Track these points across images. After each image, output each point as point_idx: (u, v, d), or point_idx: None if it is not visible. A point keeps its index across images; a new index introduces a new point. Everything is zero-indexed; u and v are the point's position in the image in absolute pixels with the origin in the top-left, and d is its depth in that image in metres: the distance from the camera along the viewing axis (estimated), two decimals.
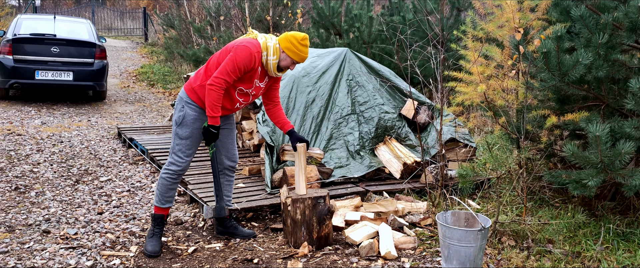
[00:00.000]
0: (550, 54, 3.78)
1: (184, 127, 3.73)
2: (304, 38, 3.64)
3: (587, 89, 4.16)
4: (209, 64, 3.74)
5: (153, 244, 3.79)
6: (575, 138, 4.37)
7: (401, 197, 4.75)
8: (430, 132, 5.72)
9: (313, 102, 5.59)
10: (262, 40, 3.66)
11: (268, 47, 3.64)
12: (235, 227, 4.14)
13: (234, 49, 3.58)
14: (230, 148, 4.04)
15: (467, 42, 4.71)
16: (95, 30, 10.75)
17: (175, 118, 3.78)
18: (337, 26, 10.76)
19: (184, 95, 3.77)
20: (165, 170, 3.81)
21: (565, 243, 3.83)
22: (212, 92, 3.55)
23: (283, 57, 3.68)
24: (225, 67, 3.55)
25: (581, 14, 3.90)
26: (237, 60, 3.54)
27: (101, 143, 7.21)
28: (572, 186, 3.78)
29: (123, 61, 16.71)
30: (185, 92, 3.77)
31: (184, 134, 3.74)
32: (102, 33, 24.20)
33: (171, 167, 3.79)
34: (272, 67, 3.68)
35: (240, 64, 3.56)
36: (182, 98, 3.77)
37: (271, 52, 3.64)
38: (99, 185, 5.39)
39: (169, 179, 3.81)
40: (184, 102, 3.75)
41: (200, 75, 3.76)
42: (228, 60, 3.55)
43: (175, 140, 3.78)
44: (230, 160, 4.06)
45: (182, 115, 3.73)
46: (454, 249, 3.34)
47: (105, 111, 9.66)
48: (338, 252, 3.79)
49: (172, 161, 3.79)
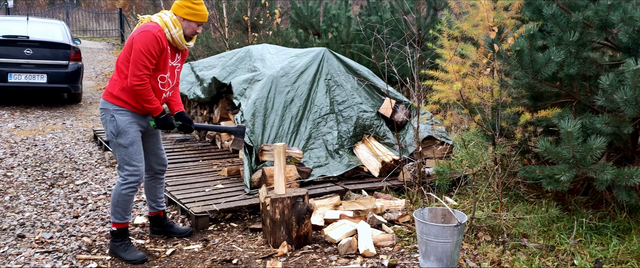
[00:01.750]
0: (523, 52, 3.85)
1: (123, 135, 3.61)
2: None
3: (560, 86, 4.25)
4: (118, 64, 3.63)
5: (133, 253, 3.71)
6: (548, 135, 4.46)
7: (380, 195, 4.79)
8: (408, 131, 5.78)
9: (292, 101, 5.60)
10: (157, 19, 3.59)
11: (166, 23, 3.57)
12: (171, 226, 4.14)
13: (137, 40, 3.47)
14: (159, 153, 3.99)
15: (443, 41, 4.77)
16: (70, 31, 10.61)
17: (109, 131, 3.63)
18: (315, 26, 10.79)
19: (108, 105, 3.63)
20: (125, 185, 3.65)
21: (540, 237, 3.91)
22: (139, 90, 3.49)
23: (185, 25, 3.63)
24: (136, 60, 3.46)
25: (553, 12, 3.98)
26: (144, 48, 3.45)
27: (77, 147, 7.12)
28: (546, 181, 3.86)
29: (99, 63, 16.50)
30: (108, 101, 3.63)
31: (127, 141, 3.62)
32: (76, 35, 23.88)
33: (130, 178, 3.65)
34: (179, 40, 3.62)
35: (150, 49, 3.47)
36: (107, 109, 3.63)
37: (172, 26, 3.58)
38: (74, 189, 5.32)
39: (131, 193, 3.68)
40: (110, 112, 3.62)
41: (114, 80, 3.64)
42: (136, 53, 3.46)
43: (120, 152, 3.63)
44: (160, 165, 4.01)
45: (116, 125, 3.60)
46: (431, 245, 3.39)
47: (81, 114, 9.54)
48: (317, 251, 3.81)
49: (128, 173, 3.64)
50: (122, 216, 3.72)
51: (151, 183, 4.05)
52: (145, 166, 3.94)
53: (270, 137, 5.32)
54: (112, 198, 3.70)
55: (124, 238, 3.76)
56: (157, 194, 4.08)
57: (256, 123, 5.28)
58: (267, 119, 5.40)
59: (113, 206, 3.71)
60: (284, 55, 6.37)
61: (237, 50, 6.85)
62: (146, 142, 3.89)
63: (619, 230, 3.94)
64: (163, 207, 4.14)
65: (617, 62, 4.19)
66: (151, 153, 3.95)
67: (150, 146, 3.93)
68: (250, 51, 6.57)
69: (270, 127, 5.37)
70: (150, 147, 3.93)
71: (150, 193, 4.07)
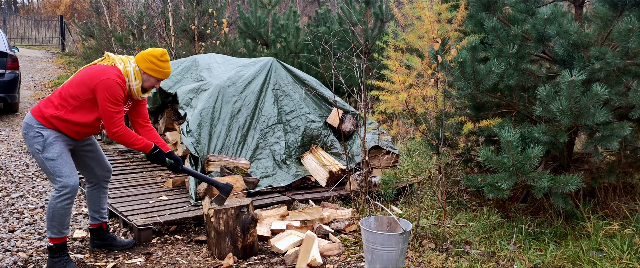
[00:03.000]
0: (465, 64, 3.96)
1: (49, 149, 3.49)
2: (162, 54, 3.61)
3: (500, 97, 4.39)
4: (61, 93, 3.54)
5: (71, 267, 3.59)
6: (490, 144, 4.59)
7: (327, 205, 4.79)
8: (355, 140, 5.82)
9: (239, 111, 5.54)
10: (121, 66, 3.55)
11: (128, 73, 3.55)
12: (113, 238, 4.03)
13: (99, 87, 3.44)
14: (102, 159, 3.89)
15: (389, 52, 4.85)
16: (7, 39, 10.17)
17: (34, 148, 3.50)
18: (263, 36, 10.76)
19: (35, 123, 3.51)
20: (60, 198, 3.50)
21: (482, 244, 4.00)
22: (120, 136, 3.53)
23: (145, 79, 3.63)
24: (106, 110, 3.46)
25: (493, 25, 4.12)
26: (110, 96, 3.45)
27: (13, 158, 6.80)
28: (487, 189, 3.96)
29: (38, 72, 15.88)
30: (36, 120, 3.52)
31: (54, 154, 3.49)
32: (14, 42, 22.94)
33: (64, 191, 3.50)
34: (136, 92, 3.61)
35: (116, 95, 3.47)
36: (31, 126, 3.51)
37: (132, 77, 3.56)
38: (10, 202, 5.07)
39: (68, 205, 3.53)
40: (36, 129, 3.50)
41: (51, 104, 3.54)
42: (105, 102, 3.45)
43: (48, 166, 3.49)
44: (104, 171, 3.91)
45: (42, 140, 3.48)
46: (377, 253, 3.41)
47: (18, 124, 9.13)
48: (263, 262, 3.77)
49: (61, 185, 3.49)
50: (59, 230, 3.57)
51: (94, 193, 3.92)
52: (89, 174, 3.86)
53: (217, 148, 5.24)
54: (48, 213, 3.54)
55: (63, 254, 3.61)
56: (100, 205, 3.95)
57: (202, 133, 5.19)
58: (214, 129, 5.32)
59: (49, 221, 3.55)
60: (232, 65, 6.32)
61: (183, 59, 6.73)
62: (86, 153, 3.80)
63: (556, 236, 4.09)
64: (106, 219, 4.01)
65: (553, 74, 4.37)
66: (93, 161, 3.84)
67: (89, 154, 3.82)
68: (197, 60, 6.47)
69: (216, 137, 5.30)
70: (90, 156, 3.83)
71: (92, 203, 3.93)
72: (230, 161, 5.08)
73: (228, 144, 5.35)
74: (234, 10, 15.70)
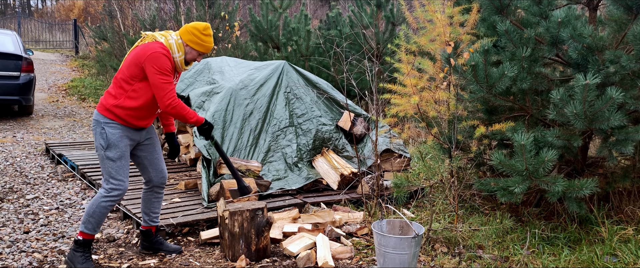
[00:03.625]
0: (478, 67, 3.95)
1: (112, 149, 3.56)
2: (205, 27, 3.65)
3: (513, 100, 4.37)
4: (117, 79, 3.61)
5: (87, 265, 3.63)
6: (502, 148, 4.57)
7: (338, 208, 4.79)
8: (366, 143, 5.82)
9: (251, 114, 5.57)
10: (162, 39, 3.61)
11: (170, 45, 3.61)
12: (161, 243, 4.04)
13: (148, 62, 3.49)
14: (158, 163, 3.90)
15: (400, 55, 4.85)
16: (22, 42, 10.28)
17: (98, 143, 3.58)
18: (275, 39, 10.79)
19: (101, 117, 3.59)
20: (107, 198, 3.59)
21: (495, 248, 3.98)
22: (177, 108, 3.55)
23: (188, 51, 3.67)
24: (157, 83, 3.49)
25: (506, 28, 4.10)
26: (159, 68, 3.49)
27: (27, 160, 6.87)
28: (500, 193, 3.94)
29: (52, 74, 16.04)
30: (101, 114, 3.59)
31: (115, 155, 3.56)
32: (29, 45, 23.17)
33: (113, 193, 3.59)
34: (179, 64, 3.66)
35: (165, 67, 3.51)
36: (98, 121, 3.59)
37: (175, 50, 3.62)
38: (25, 203, 5.13)
39: (110, 206, 3.62)
40: (102, 124, 3.57)
41: (110, 94, 3.61)
42: (155, 75, 3.49)
43: (107, 165, 3.57)
44: (160, 176, 3.92)
45: (106, 137, 3.56)
46: (389, 257, 3.40)
47: (32, 126, 9.23)
48: (276, 264, 3.78)
49: (112, 187, 3.58)
50: (93, 228, 3.64)
51: (148, 195, 3.96)
52: (145, 175, 3.91)
53: (229, 150, 5.27)
54: (89, 208, 3.61)
55: (86, 250, 3.67)
56: (151, 208, 3.98)
57: (215, 136, 5.21)
58: (226, 131, 5.35)
59: (87, 216, 3.61)
60: (244, 68, 6.35)
61: (195, 62, 6.77)
62: (144, 153, 3.83)
63: (570, 241, 4.06)
64: (157, 223, 4.03)
65: (567, 77, 4.35)
66: (150, 165, 3.87)
67: (148, 157, 3.85)
68: (209, 64, 6.51)
69: (229, 139, 5.33)
70: (148, 158, 3.85)
71: (145, 205, 3.98)
72: (242, 163, 5.10)
73: (240, 147, 5.37)
74: (246, 13, 15.77)
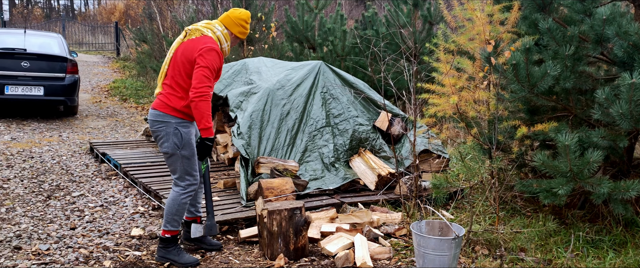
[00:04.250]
0: (519, 66, 3.88)
1: (186, 147, 3.72)
2: (248, 16, 3.86)
3: (556, 100, 4.28)
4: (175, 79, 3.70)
5: (187, 256, 3.81)
6: (545, 148, 4.47)
7: (376, 208, 4.78)
8: (404, 144, 5.79)
9: (288, 114, 5.61)
10: (210, 34, 3.74)
11: (219, 38, 3.77)
12: (204, 236, 4.12)
13: (200, 55, 3.59)
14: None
15: (439, 54, 4.80)
16: (67, 44, 10.61)
17: (172, 143, 3.69)
18: (310, 40, 10.84)
19: (171, 118, 3.69)
20: (185, 194, 3.78)
21: (537, 251, 3.91)
22: (203, 102, 3.57)
23: (232, 40, 3.89)
24: (202, 76, 3.57)
25: (549, 26, 4.02)
26: (211, 65, 3.60)
27: (73, 159, 7.09)
28: (543, 195, 3.87)
29: (94, 76, 16.49)
30: (170, 115, 3.70)
31: (189, 153, 3.74)
32: (73, 48, 23.88)
33: (190, 188, 3.79)
34: (226, 51, 3.87)
35: (215, 66, 3.64)
36: (169, 122, 3.69)
37: (224, 40, 3.80)
38: (71, 201, 5.29)
39: (189, 200, 3.83)
40: (173, 125, 3.69)
41: (172, 95, 3.71)
42: (203, 69, 3.58)
43: (182, 163, 3.72)
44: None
45: (181, 137, 3.69)
46: (428, 258, 3.38)
47: (77, 126, 9.51)
48: (314, 263, 3.80)
49: (189, 183, 3.78)
50: (178, 223, 3.82)
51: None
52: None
53: (266, 150, 5.32)
54: (170, 207, 3.76)
55: (176, 244, 3.84)
56: (197, 199, 4.12)
57: (252, 135, 5.28)
58: (263, 131, 5.40)
59: (170, 215, 3.77)
60: (280, 69, 6.40)
61: (233, 63, 6.86)
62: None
63: (615, 244, 3.95)
64: (200, 214, 4.16)
65: (612, 76, 4.23)
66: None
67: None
68: (247, 64, 6.59)
69: (266, 139, 5.38)
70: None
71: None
72: (279, 163, 5.14)
73: (277, 147, 5.42)
74: (282, 14, 15.88)
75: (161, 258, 3.82)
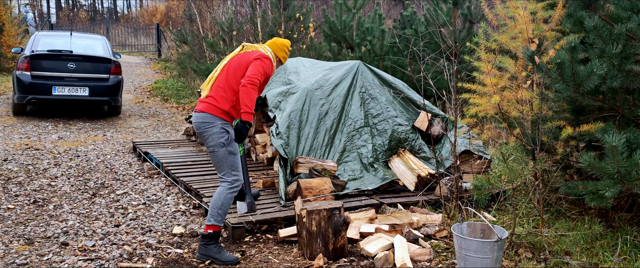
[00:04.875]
0: (564, 65, 3.78)
1: (231, 145, 3.94)
2: (289, 44, 4.32)
3: (602, 100, 4.15)
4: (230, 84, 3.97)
5: (228, 254, 3.90)
6: (591, 149, 4.34)
7: (416, 209, 4.74)
8: (444, 144, 5.72)
9: (326, 114, 5.61)
10: (263, 50, 4.13)
11: (270, 54, 4.16)
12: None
13: (260, 59, 3.97)
14: None
15: (480, 53, 4.72)
16: (110, 46, 10.89)
17: (219, 141, 3.90)
18: (348, 40, 10.82)
19: (217, 119, 3.92)
20: (232, 189, 3.96)
21: (583, 254, 3.80)
22: (252, 91, 3.83)
23: (275, 64, 4.24)
24: (257, 70, 3.90)
25: (595, 24, 3.90)
26: (264, 69, 3.95)
27: (117, 158, 7.28)
28: (589, 197, 3.76)
29: (137, 77, 16.89)
30: (217, 116, 3.93)
31: (235, 150, 3.98)
32: (116, 49, 24.50)
33: (236, 184, 3.97)
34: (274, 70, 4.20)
35: (267, 71, 3.99)
36: (214, 123, 3.92)
37: (273, 58, 4.18)
38: (115, 198, 5.44)
39: (234, 195, 4.00)
40: (220, 125, 3.92)
41: (223, 97, 3.95)
42: (258, 66, 3.92)
43: (230, 160, 3.94)
44: None
45: (228, 136, 3.93)
46: (470, 261, 3.33)
47: (120, 126, 9.77)
48: (353, 264, 3.79)
49: (235, 178, 3.97)
50: (222, 219, 3.96)
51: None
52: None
53: (305, 150, 5.34)
54: (216, 203, 3.92)
55: (217, 241, 3.95)
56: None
57: (291, 135, 5.31)
58: (302, 131, 5.43)
59: (216, 209, 3.92)
60: (319, 69, 6.41)
61: None
62: None
63: None
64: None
65: None
66: None
67: None
68: (285, 64, 6.63)
69: (304, 139, 5.40)
70: None
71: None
72: (318, 163, 5.15)
73: (316, 146, 5.43)
74: (320, 14, 15.91)
75: (202, 256, 3.90)
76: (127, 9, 45.69)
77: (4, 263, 3.78)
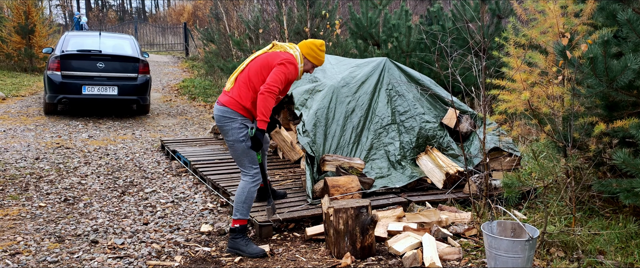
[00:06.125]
0: (597, 60, 3.69)
1: (249, 140, 3.98)
2: (322, 44, 4.20)
3: (637, 95, 4.03)
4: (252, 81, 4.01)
5: (254, 247, 3.97)
6: (624, 146, 4.23)
7: (444, 208, 4.68)
8: (472, 141, 5.64)
9: (353, 112, 5.59)
10: (291, 51, 4.10)
11: (297, 56, 4.10)
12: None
13: (283, 64, 3.93)
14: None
15: (509, 49, 4.63)
16: (139, 45, 11.04)
17: (239, 137, 3.98)
18: (375, 36, 10.76)
19: (237, 115, 3.99)
20: (254, 182, 4.07)
21: (617, 254, 3.70)
22: (270, 99, 3.85)
23: (305, 63, 4.19)
24: (277, 78, 3.88)
25: (628, 17, 3.79)
26: (286, 75, 3.93)
27: (145, 156, 7.38)
28: (624, 195, 3.66)
29: (165, 75, 17.10)
30: (237, 112, 4.00)
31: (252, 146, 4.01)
32: (144, 48, 24.85)
33: (257, 177, 4.08)
34: (300, 74, 4.16)
35: (289, 77, 3.97)
36: (235, 118, 3.99)
37: (299, 61, 4.11)
38: (144, 197, 5.51)
39: (257, 189, 4.10)
40: (239, 121, 3.99)
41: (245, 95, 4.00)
42: (280, 73, 3.90)
43: (249, 154, 4.03)
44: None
45: (246, 132, 3.99)
46: (501, 260, 3.27)
47: (149, 124, 9.90)
48: (381, 263, 3.76)
49: (256, 172, 4.08)
50: (247, 212, 4.06)
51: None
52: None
53: (332, 148, 5.32)
54: (240, 197, 4.02)
55: (245, 234, 4.05)
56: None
57: (317, 133, 5.30)
58: (328, 129, 5.41)
59: (241, 203, 4.02)
60: (345, 66, 6.38)
61: None
62: None
63: None
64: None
65: None
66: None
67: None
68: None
69: (331, 137, 5.38)
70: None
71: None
72: (345, 161, 5.13)
73: (342, 144, 5.41)
74: (345, 11, 15.86)
75: (231, 249, 4.01)
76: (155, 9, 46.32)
77: (35, 261, 3.86)
